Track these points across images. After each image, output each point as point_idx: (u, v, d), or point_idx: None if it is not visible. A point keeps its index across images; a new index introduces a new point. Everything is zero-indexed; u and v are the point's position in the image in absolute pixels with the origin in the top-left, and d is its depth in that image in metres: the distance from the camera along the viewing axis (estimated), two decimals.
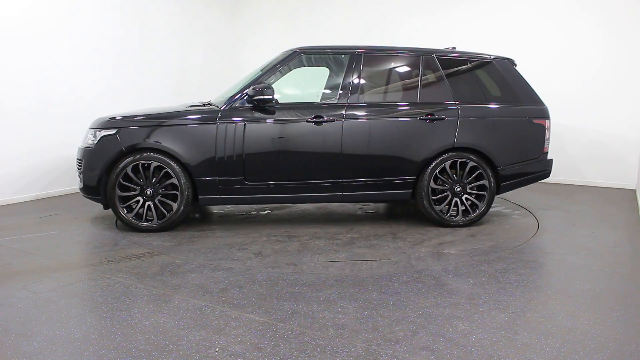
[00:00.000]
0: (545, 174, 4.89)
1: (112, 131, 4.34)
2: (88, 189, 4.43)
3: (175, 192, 4.36)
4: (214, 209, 5.57)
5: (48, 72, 5.83)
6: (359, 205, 5.60)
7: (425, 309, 2.82)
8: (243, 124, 4.37)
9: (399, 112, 4.59)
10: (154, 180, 4.35)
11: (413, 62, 4.77)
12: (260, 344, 2.39)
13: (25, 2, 5.53)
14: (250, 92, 4.34)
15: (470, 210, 4.63)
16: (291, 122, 4.45)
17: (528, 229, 4.65)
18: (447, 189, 4.60)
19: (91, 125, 4.56)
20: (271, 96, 4.32)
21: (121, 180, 4.30)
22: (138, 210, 4.37)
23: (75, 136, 6.10)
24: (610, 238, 4.36)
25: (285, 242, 4.17)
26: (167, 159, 4.31)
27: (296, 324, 2.61)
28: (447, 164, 4.55)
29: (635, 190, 6.57)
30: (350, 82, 4.58)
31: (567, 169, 7.00)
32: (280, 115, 4.45)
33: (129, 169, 4.30)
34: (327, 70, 4.98)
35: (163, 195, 4.39)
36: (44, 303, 2.86)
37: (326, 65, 5.11)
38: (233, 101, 4.45)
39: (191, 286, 3.14)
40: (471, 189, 4.61)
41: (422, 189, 4.56)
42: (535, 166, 4.80)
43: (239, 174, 4.39)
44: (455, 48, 4.98)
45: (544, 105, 4.79)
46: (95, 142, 4.38)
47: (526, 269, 3.53)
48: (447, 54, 4.78)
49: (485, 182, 4.59)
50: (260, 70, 4.68)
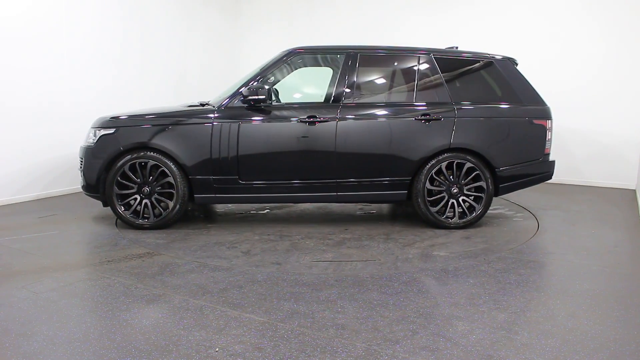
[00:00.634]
0: (547, 175, 4.79)
1: (111, 130, 4.44)
2: (88, 187, 4.53)
3: (172, 190, 4.43)
4: (217, 207, 5.59)
5: (48, 72, 5.83)
6: (359, 205, 5.60)
7: (425, 309, 2.82)
8: (237, 124, 4.41)
9: (393, 112, 4.54)
10: (150, 179, 4.43)
11: (410, 61, 4.72)
12: (260, 344, 2.39)
13: (25, 2, 5.54)
14: (244, 92, 4.37)
15: (467, 212, 4.56)
16: (285, 122, 4.47)
17: (526, 231, 4.64)
18: (443, 190, 4.54)
19: (92, 125, 4.65)
20: (265, 96, 4.34)
21: (119, 178, 4.40)
22: (135, 207, 4.45)
23: (75, 136, 6.12)
24: (610, 238, 4.36)
25: (276, 242, 4.19)
26: (163, 158, 4.39)
27: (296, 324, 2.61)
28: (443, 164, 4.48)
29: (635, 190, 6.57)
30: (345, 82, 4.57)
31: (567, 169, 7.00)
32: (275, 115, 4.48)
33: (127, 168, 4.39)
34: (324, 70, 5.00)
35: (159, 194, 4.47)
36: (44, 303, 2.86)
37: (322, 65, 5.13)
38: (228, 101, 4.51)
39: (191, 286, 3.14)
40: (469, 190, 4.55)
41: (417, 190, 4.51)
42: (536, 168, 4.70)
43: (234, 173, 4.43)
44: (457, 47, 4.93)
45: (545, 105, 4.70)
46: (95, 140, 4.48)
47: (526, 269, 3.53)
48: (445, 54, 4.72)
49: (482, 184, 4.52)
50: (259, 70, 4.70)
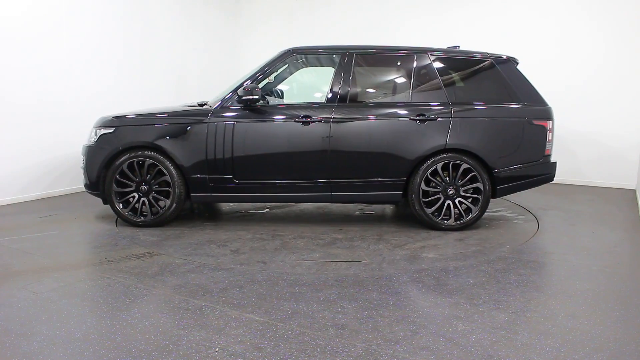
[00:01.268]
0: (548, 177, 4.68)
1: (111, 129, 4.54)
2: (90, 185, 4.62)
3: (169, 189, 4.51)
4: (221, 206, 5.64)
5: (48, 72, 5.83)
6: (360, 206, 5.59)
7: (425, 309, 2.82)
8: (232, 124, 4.45)
9: (388, 112, 4.51)
10: (148, 177, 4.51)
11: (406, 61, 4.67)
12: (260, 344, 2.39)
13: (25, 3, 5.53)
14: (239, 93, 4.41)
15: (463, 214, 4.49)
16: (279, 122, 4.49)
17: (526, 232, 4.64)
18: (439, 191, 4.47)
19: (94, 124, 4.74)
20: (258, 96, 4.37)
21: (118, 176, 4.49)
22: (134, 205, 4.53)
23: (75, 136, 6.11)
24: (610, 238, 4.36)
25: (267, 241, 4.21)
26: (160, 157, 4.46)
27: (296, 324, 2.61)
28: (439, 165, 4.42)
29: (635, 190, 6.57)
30: (340, 81, 4.56)
31: (567, 169, 7.00)
32: (269, 115, 4.51)
33: (125, 166, 4.47)
34: (323, 70, 5.00)
35: (157, 192, 4.54)
36: (44, 303, 2.86)
37: (318, 65, 5.14)
38: (224, 101, 4.56)
39: (191, 286, 3.14)
40: (465, 191, 4.47)
41: (412, 190, 4.46)
42: (535, 169, 4.59)
43: (229, 172, 4.47)
44: (459, 47, 4.86)
45: (546, 106, 4.60)
46: (96, 139, 4.58)
47: (526, 269, 3.53)
48: (442, 53, 4.67)
49: (479, 185, 4.44)
50: (256, 70, 4.71)
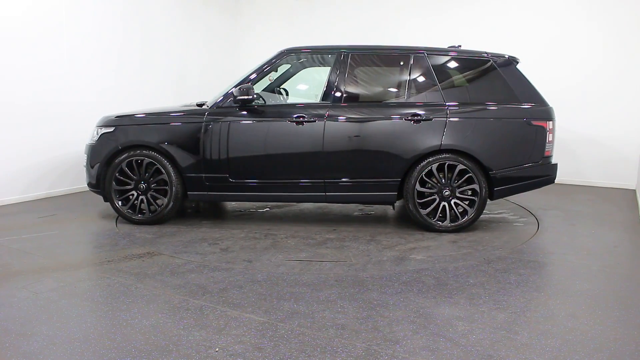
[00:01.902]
0: (549, 179, 4.57)
1: (111, 129, 4.64)
2: (91, 183, 4.73)
3: (166, 187, 4.58)
4: (225, 205, 5.69)
5: (48, 72, 5.83)
6: (360, 206, 5.58)
7: (425, 309, 2.82)
8: (228, 124, 4.49)
9: (382, 112, 4.47)
10: (146, 176, 4.60)
11: (402, 61, 4.62)
12: (260, 344, 2.39)
13: (25, 3, 5.53)
14: (235, 93, 4.43)
15: (459, 216, 4.42)
16: (274, 121, 4.51)
17: (520, 235, 4.63)
18: (434, 193, 4.41)
19: (96, 123, 4.85)
20: (252, 96, 4.40)
21: (117, 175, 4.58)
22: (133, 202, 4.63)
23: (75, 136, 6.13)
24: (610, 238, 4.36)
25: (259, 240, 4.23)
26: (158, 156, 4.54)
27: (296, 324, 2.61)
28: (434, 166, 4.36)
29: (635, 190, 6.57)
30: (335, 81, 4.55)
31: (567, 169, 7.00)
32: (264, 115, 4.53)
33: (124, 165, 4.57)
34: (322, 70, 4.99)
35: (155, 191, 4.62)
36: (44, 303, 2.86)
37: (315, 65, 5.14)
38: (220, 101, 4.59)
39: (191, 286, 3.14)
40: (462, 193, 4.40)
41: (407, 191, 4.42)
42: (535, 171, 4.49)
43: (224, 171, 4.51)
44: (460, 46, 4.80)
45: (546, 106, 4.50)
46: (97, 139, 4.68)
47: (526, 269, 3.53)
48: (439, 53, 4.61)
49: (475, 187, 4.36)
50: (253, 71, 4.73)
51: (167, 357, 2.26)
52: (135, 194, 4.62)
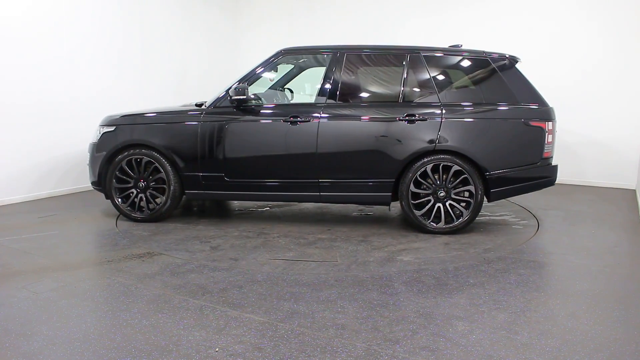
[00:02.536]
0: (548, 181, 4.47)
1: (112, 128, 4.75)
2: (94, 181, 4.84)
3: (165, 186, 4.65)
4: (229, 204, 5.74)
5: (48, 71, 5.82)
6: (360, 206, 5.56)
7: (425, 309, 2.82)
8: (223, 123, 4.54)
9: (376, 112, 4.43)
10: (145, 174, 4.68)
11: (398, 60, 4.57)
12: (260, 344, 2.39)
13: (25, 3, 5.53)
14: (231, 93, 4.47)
15: (454, 217, 4.35)
16: (268, 121, 4.54)
17: (525, 232, 4.63)
18: (429, 194, 4.35)
19: (99, 122, 4.95)
20: (246, 96, 4.44)
21: (117, 173, 4.67)
22: (133, 200, 4.71)
23: (75, 136, 6.13)
24: (610, 238, 4.36)
25: (251, 239, 4.26)
26: (157, 155, 4.61)
27: (296, 324, 2.61)
28: (429, 167, 4.31)
29: (635, 190, 6.57)
30: (329, 81, 4.54)
31: (567, 169, 6.99)
32: (259, 115, 4.57)
33: (124, 163, 4.66)
34: (319, 70, 4.99)
35: (154, 189, 4.70)
36: (44, 303, 2.86)
37: (313, 65, 5.15)
38: (217, 101, 4.64)
39: (191, 286, 3.14)
40: (457, 194, 4.34)
41: (402, 192, 4.37)
42: (533, 173, 4.40)
43: (220, 170, 4.56)
44: (460, 45, 4.75)
45: (546, 106, 4.40)
46: (99, 137, 4.79)
47: (526, 269, 3.53)
48: (436, 52, 4.56)
49: (471, 188, 4.29)
50: (250, 71, 4.75)
51: (167, 357, 2.26)
52: (135, 192, 4.70)
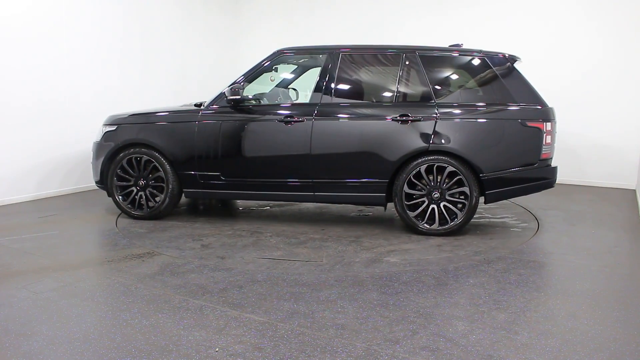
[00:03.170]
0: (547, 183, 4.37)
1: (114, 127, 4.85)
2: (97, 179, 4.94)
3: (164, 184, 4.73)
4: (234, 203, 5.79)
5: (48, 71, 5.82)
6: (360, 207, 5.54)
7: (425, 309, 2.82)
8: (219, 123, 4.59)
9: (370, 112, 4.42)
10: (145, 173, 4.76)
11: (393, 60, 4.54)
12: (260, 344, 2.39)
13: (25, 3, 5.53)
14: (226, 93, 4.50)
15: (448, 219, 4.27)
16: (263, 121, 4.56)
17: (525, 232, 4.63)
18: (424, 195, 4.30)
19: (103, 122, 5.04)
20: (240, 96, 4.48)
21: (118, 171, 4.77)
22: (133, 198, 4.80)
23: (75, 137, 6.14)
24: (610, 238, 4.36)
25: (243, 237, 4.28)
26: (155, 154, 4.69)
27: (296, 324, 2.61)
28: (423, 168, 4.25)
29: (635, 190, 6.57)
30: (324, 81, 4.53)
31: (567, 169, 6.99)
32: (254, 115, 4.59)
33: (124, 162, 4.76)
34: (315, 70, 5.00)
35: (153, 187, 4.78)
36: (44, 303, 2.86)
37: (309, 65, 5.16)
38: (214, 101, 4.69)
39: (191, 286, 3.14)
40: (451, 196, 4.26)
41: (395, 193, 4.33)
42: (531, 174, 4.30)
43: (216, 170, 4.62)
44: (461, 45, 4.71)
45: (544, 107, 4.29)
46: (101, 136, 4.90)
47: (526, 269, 3.53)
48: (432, 51, 4.50)
49: (465, 189, 4.22)
50: (247, 71, 4.77)
51: (167, 357, 2.26)
52: (135, 190, 4.78)
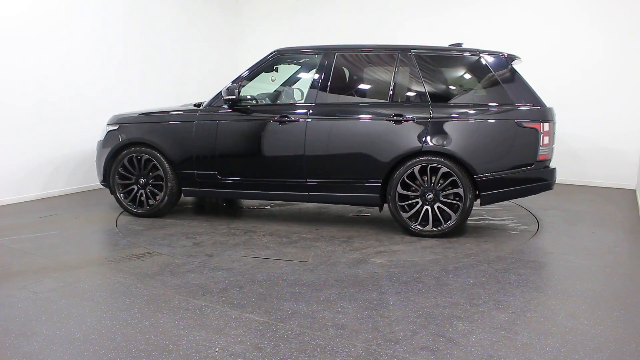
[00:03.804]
0: (545, 185, 4.26)
1: (116, 127, 4.94)
2: (101, 178, 5.05)
3: (162, 183, 4.81)
4: (241, 202, 5.82)
5: (48, 71, 5.82)
6: (359, 208, 5.52)
7: (425, 309, 2.82)
8: (216, 123, 4.64)
9: (363, 113, 4.39)
10: (145, 172, 4.85)
11: (388, 60, 4.50)
12: (260, 344, 2.39)
13: (25, 3, 5.53)
14: (223, 93, 4.54)
15: (442, 220, 4.21)
16: (258, 121, 4.59)
17: (525, 232, 4.63)
18: (417, 196, 4.25)
19: (106, 121, 5.14)
20: (235, 96, 4.50)
21: (120, 170, 4.86)
22: (134, 196, 4.89)
23: (75, 136, 6.13)
24: (610, 238, 4.36)
25: (236, 236, 4.32)
26: (155, 153, 4.77)
27: (296, 324, 2.61)
28: (416, 168, 4.20)
29: (635, 190, 6.57)
30: (319, 81, 4.53)
31: (567, 169, 6.99)
32: (250, 115, 4.62)
33: (126, 161, 4.85)
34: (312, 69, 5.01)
35: (153, 186, 4.86)
36: (44, 303, 2.86)
37: (306, 65, 5.17)
38: (212, 101, 4.74)
39: (191, 286, 3.14)
40: (446, 197, 4.20)
41: (389, 194, 4.30)
42: (528, 176, 4.20)
43: (213, 169, 4.66)
44: (462, 44, 4.66)
45: (542, 107, 4.19)
46: (104, 136, 5.00)
47: (526, 269, 3.53)
48: (427, 50, 4.44)
49: (459, 191, 4.15)
50: (244, 71, 4.77)
51: (167, 357, 2.26)
52: (136, 188, 4.88)
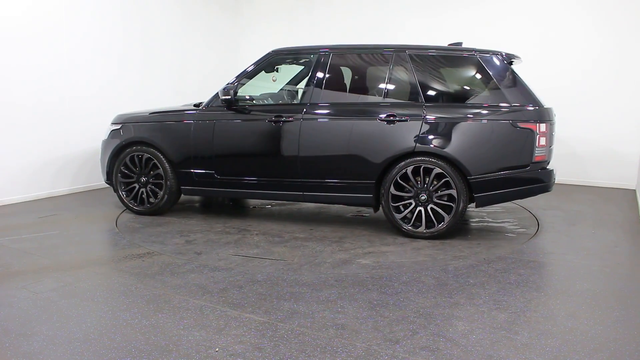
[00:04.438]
0: (542, 187, 4.17)
1: (118, 126, 5.06)
2: (105, 176, 5.17)
3: (162, 181, 4.91)
4: (247, 201, 5.86)
5: (48, 71, 5.82)
6: (358, 208, 5.51)
7: (425, 309, 2.82)
8: (213, 123, 4.72)
9: (357, 113, 4.39)
10: (146, 170, 4.95)
11: (383, 60, 4.50)
12: (260, 344, 2.39)
13: (25, 2, 5.52)
14: (220, 94, 4.61)
15: (435, 222, 4.17)
16: (253, 121, 4.64)
17: (525, 232, 4.63)
18: (411, 197, 4.22)
19: (110, 121, 5.24)
20: (231, 96, 4.56)
21: (122, 168, 4.99)
22: (136, 193, 4.99)
23: (75, 136, 6.13)
24: (610, 238, 4.36)
25: (230, 234, 4.37)
26: (155, 152, 4.87)
27: (296, 324, 2.61)
28: (409, 169, 4.17)
29: (635, 190, 6.57)
30: (313, 81, 4.55)
31: (567, 169, 6.99)
32: (246, 115, 4.68)
33: (127, 159, 4.97)
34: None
35: (154, 184, 4.95)
36: (44, 303, 2.86)
37: (304, 65, 5.19)
38: (210, 101, 4.82)
39: (191, 286, 3.14)
40: (440, 198, 4.17)
41: (382, 194, 4.28)
42: (524, 177, 4.12)
43: (211, 168, 4.74)
44: (461, 43, 4.63)
45: (539, 107, 4.09)
46: (108, 135, 5.12)
47: (526, 269, 3.53)
48: (422, 50, 4.41)
49: (452, 192, 4.11)
50: (242, 71, 4.81)
51: (167, 357, 2.26)
52: (137, 186, 4.99)
